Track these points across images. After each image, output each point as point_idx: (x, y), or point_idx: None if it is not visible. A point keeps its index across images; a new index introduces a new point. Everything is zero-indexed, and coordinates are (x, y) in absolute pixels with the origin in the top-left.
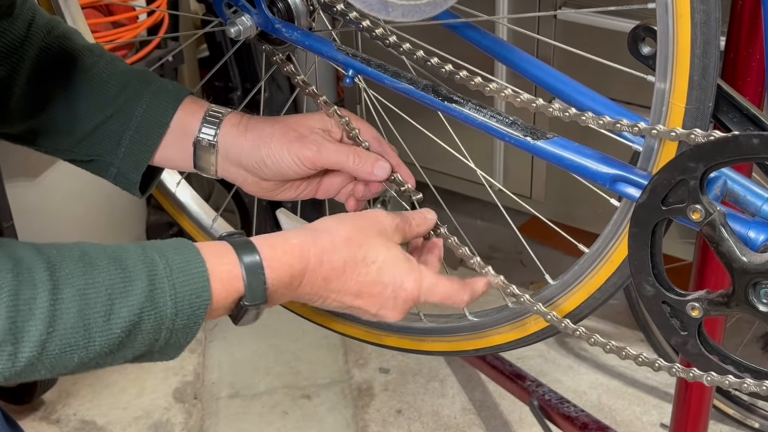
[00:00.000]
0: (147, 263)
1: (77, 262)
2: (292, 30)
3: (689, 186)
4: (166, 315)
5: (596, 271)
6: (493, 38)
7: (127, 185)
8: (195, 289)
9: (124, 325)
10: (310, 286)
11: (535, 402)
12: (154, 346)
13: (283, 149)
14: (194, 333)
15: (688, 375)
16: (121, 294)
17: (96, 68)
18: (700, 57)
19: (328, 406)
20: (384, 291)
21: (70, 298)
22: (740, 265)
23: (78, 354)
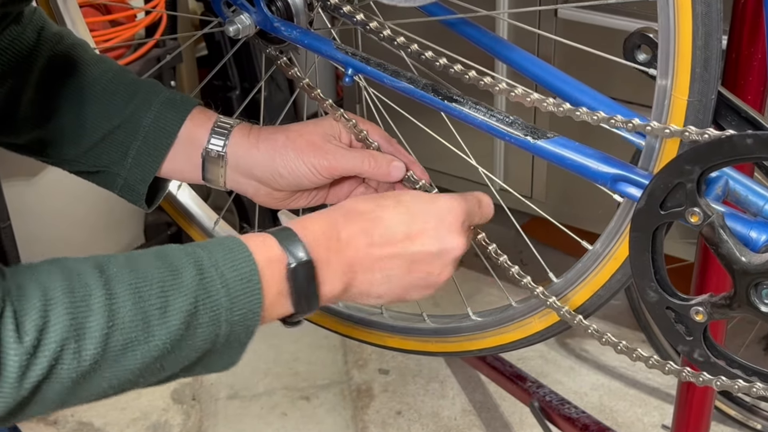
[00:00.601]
0: (190, 255)
1: (123, 262)
2: (291, 29)
3: (686, 189)
4: (221, 304)
5: (600, 268)
6: (494, 37)
7: (134, 197)
8: (245, 273)
9: (181, 317)
10: (356, 246)
11: (536, 403)
12: (215, 343)
13: (299, 160)
14: (254, 325)
15: (698, 379)
16: (171, 286)
17: (104, 78)
18: (702, 49)
19: (328, 408)
20: (430, 219)
21: (124, 293)
22: (740, 266)
23: (140, 350)
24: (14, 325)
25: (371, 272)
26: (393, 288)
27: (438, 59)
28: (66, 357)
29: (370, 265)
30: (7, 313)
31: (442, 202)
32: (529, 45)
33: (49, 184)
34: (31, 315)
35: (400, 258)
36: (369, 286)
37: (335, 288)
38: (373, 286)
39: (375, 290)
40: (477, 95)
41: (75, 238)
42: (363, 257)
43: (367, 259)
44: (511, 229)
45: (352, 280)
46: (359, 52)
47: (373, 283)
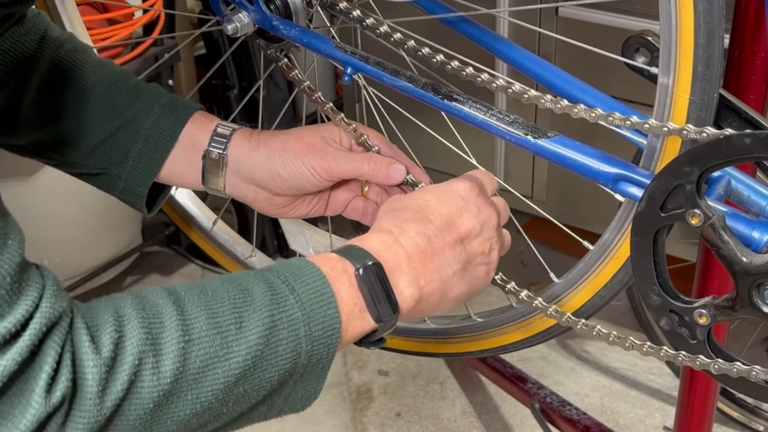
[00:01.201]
0: (256, 275)
1: (189, 286)
2: (289, 27)
3: (686, 190)
4: (298, 318)
5: (602, 268)
6: (494, 35)
7: (135, 199)
8: (316, 288)
9: (258, 331)
10: (412, 242)
11: (537, 405)
12: (297, 363)
13: (298, 161)
14: (335, 342)
15: (694, 363)
16: (243, 303)
17: (106, 81)
18: (704, 47)
19: (327, 409)
20: (457, 206)
21: (195, 310)
22: (742, 267)
23: (221, 368)
24: (89, 336)
25: (442, 270)
26: (465, 281)
27: (435, 55)
28: (145, 372)
29: (439, 263)
30: (78, 324)
31: (456, 183)
32: (530, 44)
33: (45, 185)
34: (106, 328)
35: (456, 245)
36: (445, 287)
37: (414, 293)
38: (448, 285)
39: (452, 290)
40: (476, 93)
41: (72, 239)
42: (429, 257)
43: (433, 258)
44: (511, 229)
45: (429, 283)
46: (358, 50)
47: (447, 282)
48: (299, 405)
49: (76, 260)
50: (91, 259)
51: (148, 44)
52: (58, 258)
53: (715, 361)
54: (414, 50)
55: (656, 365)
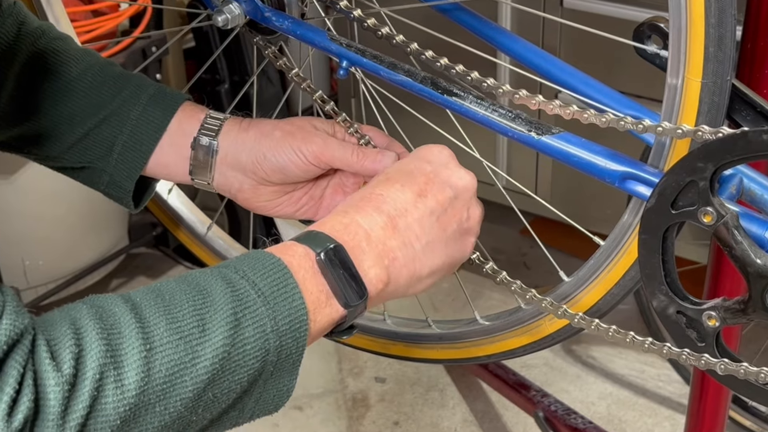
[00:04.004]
0: (213, 273)
1: (144, 291)
2: (282, 18)
3: (699, 187)
4: (262, 313)
5: (613, 265)
6: (496, 27)
7: (120, 194)
8: (277, 278)
9: (223, 331)
10: (373, 223)
11: (541, 413)
12: (266, 361)
13: (285, 142)
14: (303, 333)
15: (699, 362)
16: (203, 305)
17: (89, 72)
18: (715, 26)
19: (322, 418)
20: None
21: (154, 317)
22: (755, 268)
23: (188, 375)
24: (49, 353)
25: (408, 246)
26: (438, 253)
27: (439, 59)
28: (108, 386)
29: (402, 239)
30: (39, 341)
31: (424, 151)
32: (534, 37)
33: (27, 184)
34: (65, 342)
35: (425, 218)
36: (414, 263)
37: (380, 274)
38: (418, 260)
39: (423, 265)
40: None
41: (55, 240)
42: (391, 234)
43: (395, 234)
44: (513, 230)
45: (394, 261)
46: (354, 43)
47: (416, 257)
48: (271, 406)
49: (60, 262)
50: (75, 260)
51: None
52: (40, 260)
53: (721, 360)
54: (417, 53)
55: (665, 372)
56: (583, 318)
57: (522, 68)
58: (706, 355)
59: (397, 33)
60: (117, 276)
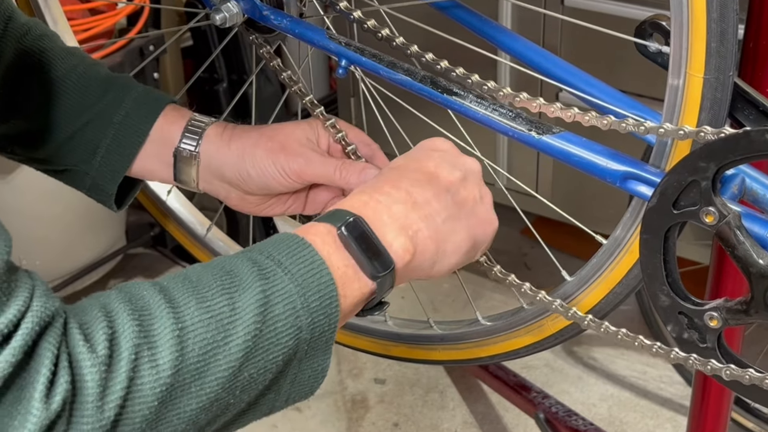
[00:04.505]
0: (238, 256)
1: (171, 277)
2: (281, 17)
3: (701, 187)
4: (291, 291)
5: (615, 264)
6: (496, 25)
7: (103, 197)
8: (303, 256)
9: (253, 310)
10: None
11: (541, 415)
12: (299, 339)
13: (268, 161)
14: (335, 310)
15: (705, 367)
16: (231, 284)
17: (75, 73)
18: (717, 21)
19: (320, 419)
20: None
21: (183, 297)
22: (758, 269)
23: (222, 354)
24: (82, 336)
25: (430, 219)
26: (459, 230)
27: (440, 62)
28: (143, 367)
29: (424, 212)
30: (71, 324)
31: (427, 142)
32: (535, 35)
33: (24, 183)
34: (97, 325)
35: (442, 194)
36: (438, 235)
37: (405, 244)
38: (441, 233)
39: (446, 239)
40: None
41: (52, 240)
42: (411, 207)
43: (416, 207)
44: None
45: (418, 232)
46: (353, 42)
47: (438, 230)
48: (307, 387)
49: (57, 262)
50: (72, 261)
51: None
52: (37, 260)
53: (727, 366)
54: (418, 55)
55: (667, 373)
56: (593, 321)
57: (523, 67)
58: (712, 361)
59: (397, 35)
60: (114, 276)
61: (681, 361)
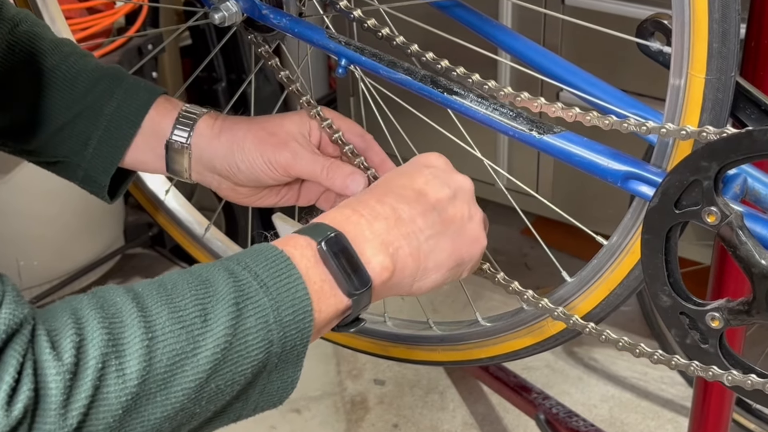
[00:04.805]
0: (215, 265)
1: (147, 282)
2: (280, 16)
3: (703, 187)
4: (264, 303)
5: (616, 265)
6: (497, 25)
7: (95, 189)
8: (279, 269)
9: (224, 321)
10: (376, 213)
11: (542, 416)
12: (270, 353)
13: (257, 153)
14: (308, 325)
15: (707, 374)
16: (205, 294)
17: (65, 64)
18: (719, 22)
19: (320, 420)
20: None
21: (156, 306)
22: (760, 269)
23: (189, 365)
24: (49, 343)
25: (412, 236)
26: (443, 248)
27: (440, 61)
28: (110, 376)
29: (406, 229)
30: (39, 331)
31: (421, 157)
32: (535, 35)
33: (22, 182)
34: (66, 332)
35: (428, 212)
36: (419, 253)
37: (384, 262)
38: (423, 252)
39: (428, 257)
40: None
41: (50, 240)
42: (394, 224)
43: (399, 224)
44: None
45: (398, 250)
46: (353, 41)
47: (420, 248)
48: (276, 398)
49: (55, 262)
50: (70, 261)
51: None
52: (35, 260)
53: (729, 372)
54: (418, 55)
55: (668, 374)
56: (594, 328)
57: (523, 66)
58: (713, 368)
59: (397, 34)
60: (113, 277)
61: (682, 368)
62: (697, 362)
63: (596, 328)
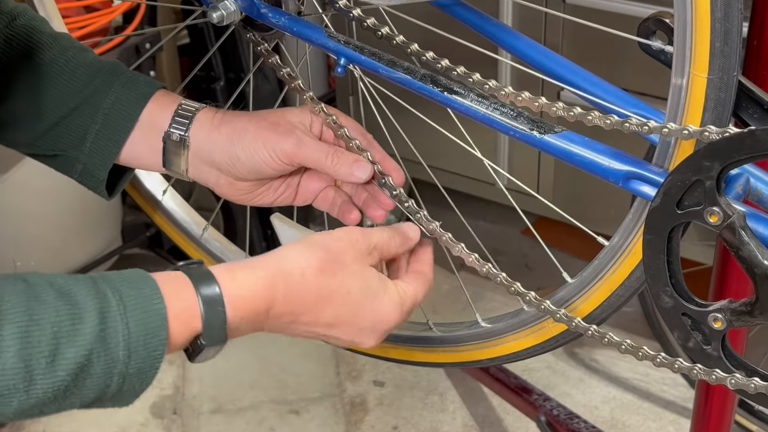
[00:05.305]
0: (99, 298)
1: (20, 295)
2: (279, 15)
3: (705, 187)
4: (119, 358)
5: (618, 266)
6: (497, 23)
7: (93, 184)
8: (151, 329)
9: (70, 368)
10: (277, 322)
11: (543, 417)
12: (105, 393)
13: (258, 142)
14: (150, 378)
15: (710, 377)
16: (67, 333)
17: (62, 58)
18: (722, 21)
19: (319, 422)
20: (362, 322)
21: (10, 336)
22: (762, 270)
23: (17, 399)
24: None
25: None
26: None
27: (440, 60)
28: None
29: (287, 331)
30: None
31: (384, 309)
32: (536, 34)
33: (20, 182)
34: None
35: (314, 337)
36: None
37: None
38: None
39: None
40: None
41: (47, 240)
42: (282, 329)
43: (284, 330)
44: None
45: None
46: (352, 40)
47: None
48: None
49: (52, 263)
50: (67, 261)
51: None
52: (32, 261)
53: (732, 375)
54: (418, 54)
55: (670, 375)
56: (597, 331)
57: (524, 66)
58: (717, 371)
59: (397, 33)
60: None
61: (685, 371)
62: (700, 365)
63: (599, 331)
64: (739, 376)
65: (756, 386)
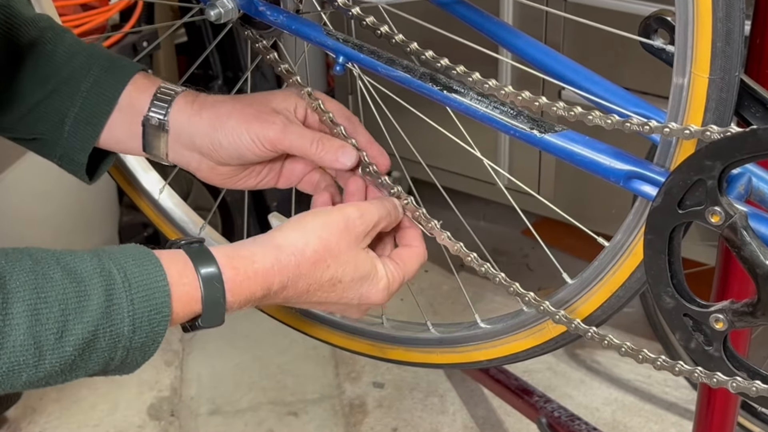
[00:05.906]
0: (104, 276)
1: (28, 273)
2: (277, 13)
3: (707, 186)
4: (123, 333)
5: (618, 266)
6: (498, 22)
7: (74, 168)
8: (155, 305)
9: (77, 344)
10: (270, 301)
11: (543, 419)
12: (108, 365)
13: (242, 128)
14: (152, 351)
15: (711, 381)
16: (75, 310)
17: (41, 40)
18: (723, 21)
19: (317, 424)
20: (349, 302)
21: (20, 314)
22: (765, 270)
23: (27, 373)
24: None
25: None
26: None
27: (440, 59)
28: None
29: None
30: None
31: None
32: (537, 32)
33: (15, 182)
34: None
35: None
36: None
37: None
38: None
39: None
40: None
41: (45, 240)
42: (270, 304)
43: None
44: (515, 231)
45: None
46: (351, 38)
47: (289, 301)
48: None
49: None
50: None
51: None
52: None
53: (733, 379)
54: (417, 53)
55: (672, 376)
56: (597, 333)
57: (524, 64)
58: (718, 374)
59: (396, 31)
60: None
61: (686, 374)
62: (702, 368)
63: (599, 333)
64: (741, 379)
65: (758, 389)
